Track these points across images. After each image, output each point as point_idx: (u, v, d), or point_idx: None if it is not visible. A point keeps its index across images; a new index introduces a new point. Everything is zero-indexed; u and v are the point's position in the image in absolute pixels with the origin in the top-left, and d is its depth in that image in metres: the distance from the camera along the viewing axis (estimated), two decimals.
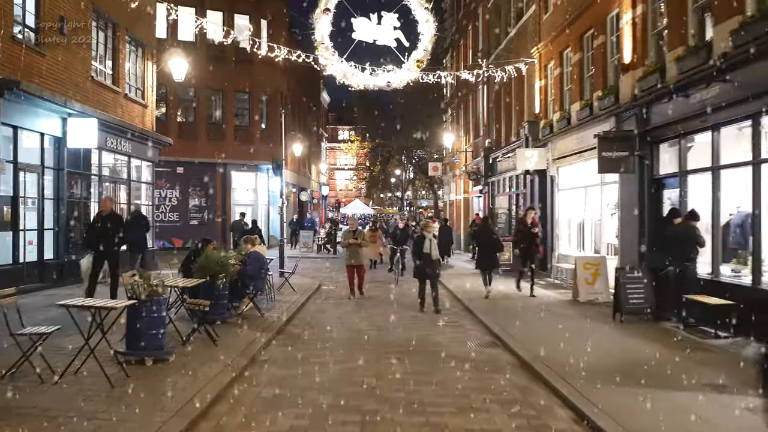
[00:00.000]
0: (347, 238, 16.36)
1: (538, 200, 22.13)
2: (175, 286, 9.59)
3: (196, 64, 32.18)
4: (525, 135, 22.75)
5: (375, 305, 15.31)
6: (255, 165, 34.49)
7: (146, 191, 21.76)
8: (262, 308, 12.91)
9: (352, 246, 16.21)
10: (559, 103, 20.40)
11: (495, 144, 29.17)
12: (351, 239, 16.21)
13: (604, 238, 17.38)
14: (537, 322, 12.27)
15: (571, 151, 18.95)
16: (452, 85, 43.49)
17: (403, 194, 79.18)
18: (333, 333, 11.64)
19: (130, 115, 19.69)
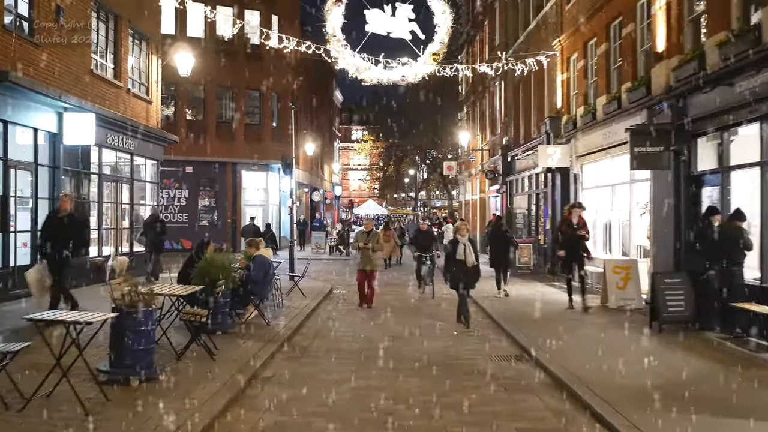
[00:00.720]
0: (360, 240, 14.94)
1: (560, 200, 21.06)
2: (169, 293, 8.64)
3: (206, 62, 31.41)
4: (546, 131, 21.71)
5: (389, 312, 14.34)
6: (266, 164, 33.57)
7: (151, 191, 20.91)
8: (268, 316, 11.99)
9: (364, 249, 14.76)
10: (583, 97, 19.35)
11: (513, 141, 28.13)
12: (363, 242, 14.72)
13: (633, 240, 16.31)
14: (566, 332, 11.24)
15: (596, 147, 17.91)
16: (467, 83, 42.55)
17: (416, 194, 78.25)
18: (344, 344, 10.68)
19: (134, 111, 18.84)
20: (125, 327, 7.03)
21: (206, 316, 8.72)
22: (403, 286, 19.36)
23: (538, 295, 16.41)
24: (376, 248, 14.69)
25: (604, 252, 18.37)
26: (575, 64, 20.33)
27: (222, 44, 33.17)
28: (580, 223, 14.41)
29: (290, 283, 16.45)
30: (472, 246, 12.16)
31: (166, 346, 8.69)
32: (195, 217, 32.88)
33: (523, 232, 27.11)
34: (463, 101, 44.56)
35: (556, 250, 15.01)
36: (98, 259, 16.49)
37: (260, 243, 11.93)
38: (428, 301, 16.40)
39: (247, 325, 11.28)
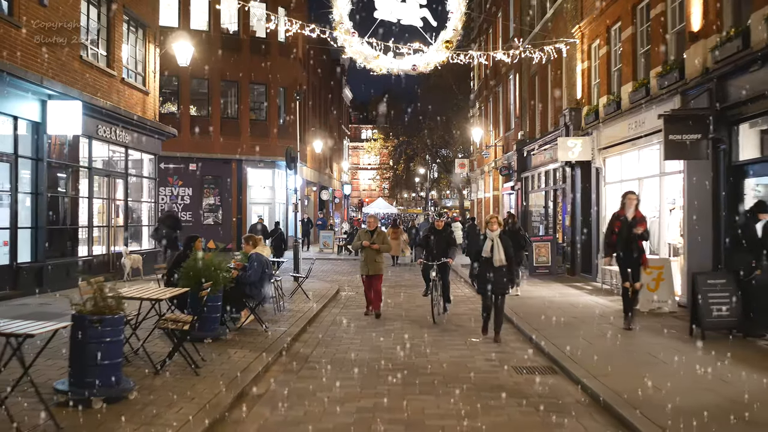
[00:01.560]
0: (362, 239, 12.77)
1: (580, 196, 19.88)
2: (147, 297, 7.52)
3: (210, 55, 30.46)
4: (565, 123, 20.49)
5: (399, 316, 13.20)
6: (272, 161, 32.49)
7: (148, 187, 19.84)
8: (266, 321, 10.88)
9: (367, 249, 12.68)
10: (605, 86, 18.13)
11: (528, 136, 26.93)
12: (365, 240, 12.68)
13: (663, 238, 15.08)
14: (597, 339, 10.08)
15: (621, 138, 16.70)
16: (479, 78, 41.41)
17: (427, 194, 77.10)
18: (350, 353, 9.52)
19: (128, 102, 17.78)
20: (87, 338, 5.93)
21: (191, 324, 7.60)
22: (413, 288, 18.21)
23: (559, 297, 15.22)
24: (383, 248, 12.86)
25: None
26: (597, 51, 19.12)
27: (226, 37, 32.17)
28: (637, 217, 11.25)
29: (295, 284, 15.33)
30: (503, 243, 10.39)
31: (148, 355, 7.60)
32: (199, 215, 31.86)
33: (539, 230, 25.94)
34: (475, 97, 43.36)
35: (607, 254, 11.98)
36: (88, 258, 15.42)
37: (258, 240, 10.80)
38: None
39: (242, 331, 10.18)
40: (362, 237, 12.88)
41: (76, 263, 14.81)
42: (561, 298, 15.11)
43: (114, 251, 16.94)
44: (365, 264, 12.81)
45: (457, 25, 18.74)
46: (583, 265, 19.66)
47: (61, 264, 14.17)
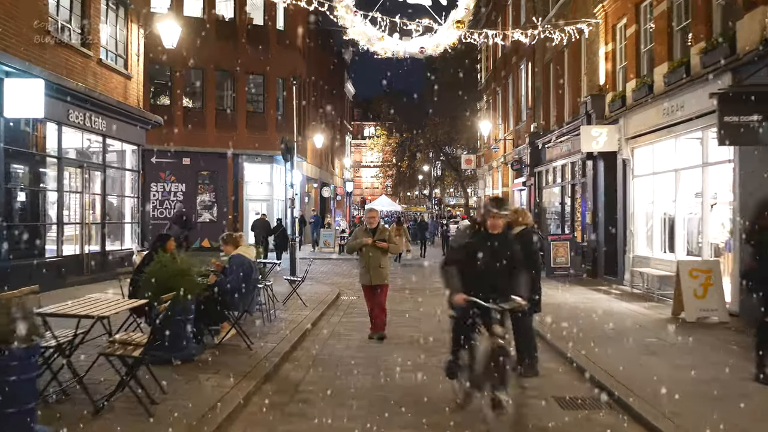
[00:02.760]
0: (360, 237, 10.17)
1: (604, 190, 18.19)
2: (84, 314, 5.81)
3: (204, 43, 28.70)
4: (587, 112, 18.76)
5: (409, 325, 11.50)
6: (270, 156, 30.73)
7: (131, 180, 18.10)
8: (252, 334, 9.20)
9: (368, 250, 9.99)
10: (634, 69, 16.40)
11: (543, 128, 25.20)
12: (365, 238, 10.06)
13: (705, 236, 13.33)
14: (646, 357, 8.37)
15: (653, 126, 14.99)
16: (488, 70, 39.73)
17: (431, 192, 75.42)
18: (350, 378, 7.80)
19: (107, 85, 16.08)
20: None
21: (147, 346, 5.90)
22: (424, 292, 16.52)
23: (587, 303, 13.50)
24: (392, 248, 10.28)
25: (662, 251, 15.45)
26: (623, 31, 17.41)
27: (221, 24, 30.45)
28: None
29: (290, 287, 13.62)
30: (528, 245, 7.50)
31: (93, 386, 5.93)
32: (193, 213, 30.11)
33: (552, 228, 24.25)
34: (482, 89, 41.65)
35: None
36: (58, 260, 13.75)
37: (239, 239, 9.05)
38: None
39: (222, 348, 8.48)
40: (360, 236, 10.15)
41: (42, 264, 13.09)
42: (588, 304, 13.40)
43: (88, 251, 15.24)
44: (366, 270, 10.03)
45: (468, 3, 17.05)
46: (607, 267, 17.95)
47: (23, 266, 12.48)
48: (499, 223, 6.10)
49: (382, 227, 10.35)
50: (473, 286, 6.00)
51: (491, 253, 6.10)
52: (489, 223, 6.12)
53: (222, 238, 9.02)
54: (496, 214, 6.08)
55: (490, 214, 6.09)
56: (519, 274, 6.16)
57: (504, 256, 6.15)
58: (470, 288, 5.99)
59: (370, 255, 9.98)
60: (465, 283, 6.02)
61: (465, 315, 6.18)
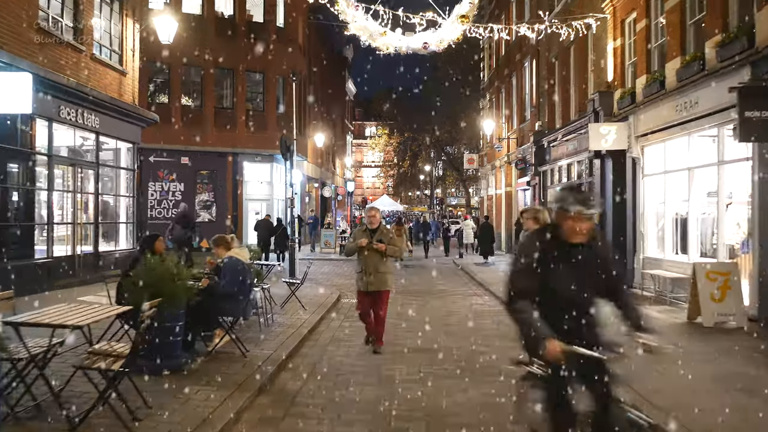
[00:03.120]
0: (358, 239, 9.10)
1: (612, 190, 17.64)
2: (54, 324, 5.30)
3: (203, 40, 28.32)
4: (594, 109, 18.23)
5: (413, 330, 10.98)
6: (270, 155, 30.21)
7: (126, 179, 17.58)
8: (248, 340, 8.70)
9: (365, 253, 8.97)
10: (644, 65, 15.88)
11: (548, 126, 24.69)
12: (363, 240, 8.99)
13: (721, 237, 12.80)
14: (666, 366, 7.85)
15: (665, 123, 14.47)
16: (491, 68, 39.22)
17: (432, 192, 74.93)
18: (351, 389, 7.29)
19: (101, 81, 15.58)
20: None
21: (130, 356, 5.40)
22: (427, 295, 16.06)
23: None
24: (390, 250, 9.02)
25: (674, 252, 14.93)
26: (633, 26, 16.90)
27: (221, 21, 29.97)
28: None
29: (288, 290, 13.11)
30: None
31: (73, 399, 5.44)
32: (192, 212, 29.60)
33: None
34: (485, 88, 41.11)
35: None
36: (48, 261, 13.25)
37: (232, 241, 8.54)
38: (464, 321, 13.06)
39: (215, 356, 7.98)
40: (359, 237, 9.11)
41: (31, 266, 12.60)
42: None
43: (81, 252, 14.74)
44: (364, 275, 8.99)
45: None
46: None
47: (10, 267, 11.96)
48: (584, 227, 3.89)
49: (384, 228, 9.26)
50: (557, 327, 3.81)
51: (577, 274, 3.90)
52: (567, 227, 3.91)
53: (213, 240, 8.49)
54: (581, 214, 3.85)
55: (570, 215, 3.86)
56: (629, 299, 4.12)
57: (594, 276, 3.94)
58: (562, 331, 3.83)
59: (367, 258, 8.97)
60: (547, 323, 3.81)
61: (562, 377, 3.82)
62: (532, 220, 7.30)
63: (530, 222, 7.33)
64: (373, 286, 8.96)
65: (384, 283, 9.02)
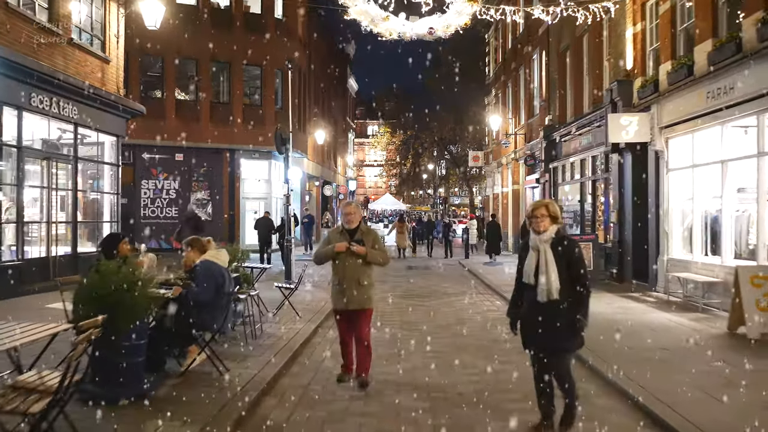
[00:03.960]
0: (333, 242, 7.09)
1: (631, 186, 16.44)
2: None
3: (198, 32, 27.13)
4: (612, 100, 16.99)
5: (421, 342, 9.76)
6: (268, 152, 28.94)
7: (110, 175, 16.35)
8: (229, 357, 7.51)
9: (342, 259, 6.99)
10: (669, 50, 14.65)
11: (558, 120, 23.45)
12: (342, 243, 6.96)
13: (763, 236, 11.50)
14: (726, 391, 6.60)
15: (694, 112, 13.25)
16: (496, 62, 37.97)
17: (435, 191, 73.73)
18: (348, 421, 6.10)
19: (80, 69, 14.36)
20: None
21: (60, 392, 4.19)
22: (434, 298, 14.85)
23: (622, 314, 11.73)
24: (373, 256, 7.01)
25: (703, 254, 13.69)
26: (655, 9, 15.70)
27: (216, 12, 28.77)
28: None
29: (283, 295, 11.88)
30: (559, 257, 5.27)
31: None
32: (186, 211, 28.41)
33: (569, 228, 22.49)
34: (491, 83, 39.87)
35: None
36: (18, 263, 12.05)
37: (207, 243, 7.28)
38: (476, 331, 11.85)
39: (187, 378, 6.76)
40: (334, 239, 7.10)
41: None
42: (623, 315, 11.65)
43: (56, 253, 13.53)
44: (340, 289, 6.96)
45: None
46: (635, 271, 16.20)
47: None
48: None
49: (366, 229, 7.20)
50: None
51: None
52: None
53: (186, 243, 7.20)
54: None
55: None
56: None
57: None
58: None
59: (345, 266, 6.90)
60: None
61: None
62: (548, 219, 5.36)
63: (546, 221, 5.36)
64: (353, 304, 6.89)
65: (367, 300, 7.02)
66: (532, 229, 5.44)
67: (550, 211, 5.41)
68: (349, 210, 7.20)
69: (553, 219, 5.39)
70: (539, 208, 5.39)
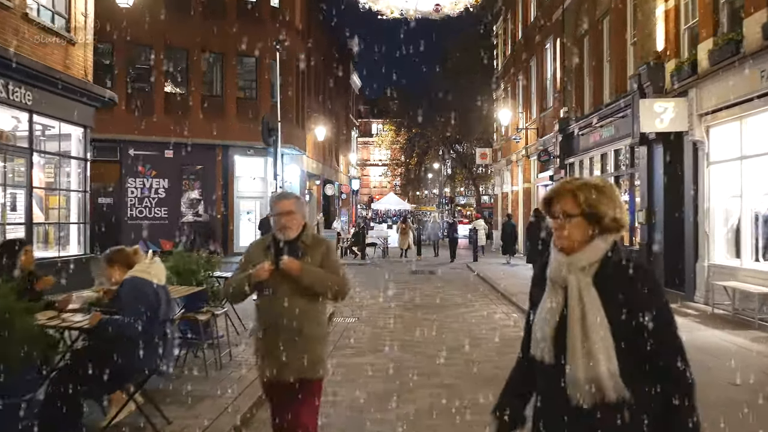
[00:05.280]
0: (253, 261, 4.05)
1: (663, 182, 14.60)
2: None
3: (188, 21, 25.49)
4: (640, 85, 15.10)
5: (429, 367, 7.95)
6: (264, 148, 27.03)
7: (77, 170, 14.54)
8: (177, 399, 5.72)
9: (272, 287, 3.97)
10: (710, 25, 12.79)
11: (576, 113, 21.60)
12: (265, 265, 3.91)
13: None
14: None
15: (743, 95, 11.40)
16: (505, 55, 36.16)
17: (441, 191, 72.05)
18: None
19: (38, 49, 12.53)
20: None
21: None
22: (444, 311, 13.05)
23: None
24: (322, 282, 4.05)
25: (754, 259, 11.82)
26: None
27: (209, 0, 27.01)
28: None
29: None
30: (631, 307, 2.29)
31: None
32: (177, 211, 26.73)
33: None
34: (499, 77, 38.03)
35: None
36: None
37: (133, 254, 5.26)
38: (494, 354, 10.05)
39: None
40: (255, 257, 4.10)
41: None
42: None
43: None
44: (265, 343, 4.08)
45: None
46: (668, 277, 14.33)
47: None
48: None
49: (313, 239, 4.18)
50: None
51: None
52: None
53: (105, 258, 5.23)
54: None
55: None
56: None
57: None
58: None
59: (274, 302, 4.00)
60: None
61: None
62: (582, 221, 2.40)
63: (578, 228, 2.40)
64: (288, 371, 3.96)
65: (313, 364, 4.01)
66: (554, 245, 2.49)
67: (583, 201, 2.39)
68: (282, 207, 4.03)
69: (593, 220, 2.40)
70: (562, 197, 2.44)
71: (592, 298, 2.29)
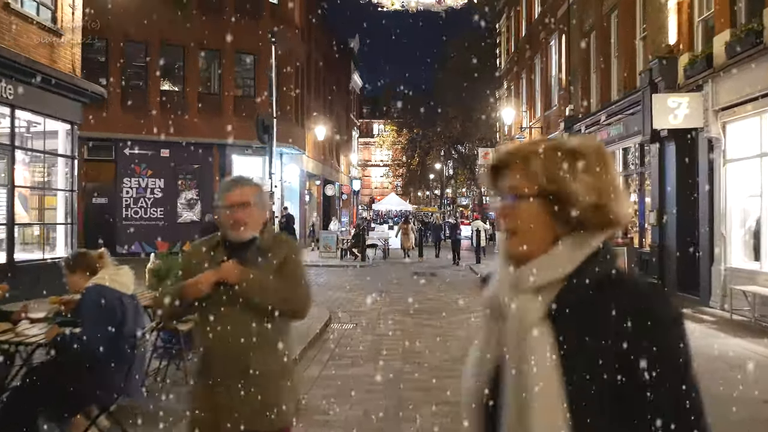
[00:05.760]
0: (192, 269, 2.94)
1: (675, 182, 14.03)
2: None
3: (185, 16, 24.85)
4: (651, 81, 14.52)
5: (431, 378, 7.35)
6: (262, 147, 26.52)
7: (65, 168, 13.95)
8: (150, 417, 5.10)
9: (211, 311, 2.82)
10: (727, 16, 12.19)
11: (582, 110, 21.01)
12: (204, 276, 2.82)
13: None
14: None
15: (764, 89, 10.82)
16: (508, 53, 35.65)
17: (442, 191, 71.41)
18: None
19: (21, 41, 11.94)
20: None
21: None
22: (446, 316, 12.45)
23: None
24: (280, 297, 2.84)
25: None
26: None
27: None
28: None
29: None
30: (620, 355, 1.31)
31: None
32: (173, 212, 26.12)
33: None
34: (502, 76, 37.52)
35: None
36: None
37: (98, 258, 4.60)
38: None
39: None
40: (194, 266, 2.95)
41: None
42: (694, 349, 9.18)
43: None
44: (207, 382, 2.84)
45: None
46: (681, 281, 13.77)
47: None
48: None
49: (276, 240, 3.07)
50: None
51: None
52: None
53: (66, 263, 4.56)
54: None
55: None
56: None
57: None
58: None
59: (217, 326, 2.81)
60: None
61: None
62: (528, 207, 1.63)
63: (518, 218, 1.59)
64: (240, 421, 2.77)
65: (266, 409, 2.83)
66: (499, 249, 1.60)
67: (541, 172, 1.42)
68: (236, 197, 2.94)
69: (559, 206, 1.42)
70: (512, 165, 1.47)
71: (542, 345, 1.35)
